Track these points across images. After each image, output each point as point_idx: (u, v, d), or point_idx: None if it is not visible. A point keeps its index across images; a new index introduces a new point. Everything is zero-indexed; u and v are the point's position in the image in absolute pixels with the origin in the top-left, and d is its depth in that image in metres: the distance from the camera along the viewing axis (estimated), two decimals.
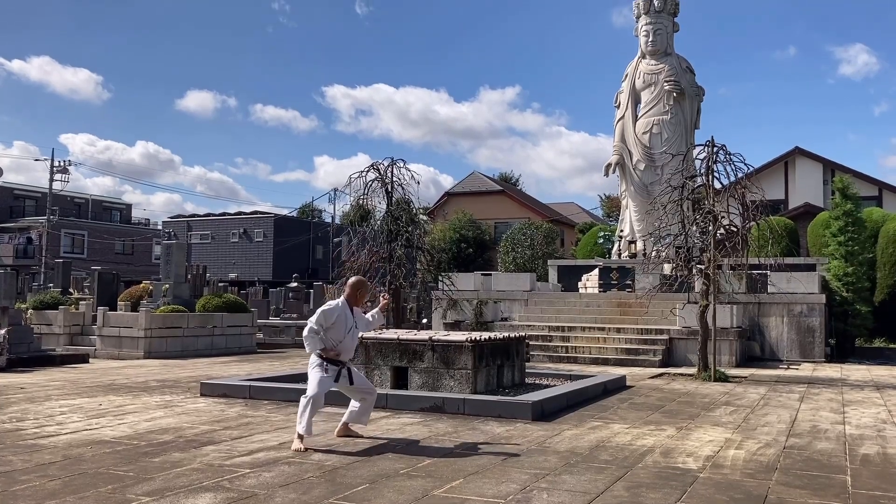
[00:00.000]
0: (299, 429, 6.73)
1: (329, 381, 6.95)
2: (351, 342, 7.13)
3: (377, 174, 15.92)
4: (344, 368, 7.05)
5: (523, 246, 36.67)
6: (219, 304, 20.15)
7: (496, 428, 8.02)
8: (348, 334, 7.05)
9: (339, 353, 7.03)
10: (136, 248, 60.63)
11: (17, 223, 58.67)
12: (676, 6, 25.60)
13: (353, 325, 7.09)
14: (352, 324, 7.08)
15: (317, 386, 6.84)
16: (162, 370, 14.64)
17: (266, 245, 54.12)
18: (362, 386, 7.30)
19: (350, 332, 7.07)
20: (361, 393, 7.27)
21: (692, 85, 24.90)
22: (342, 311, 7.03)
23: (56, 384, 11.97)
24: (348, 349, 7.14)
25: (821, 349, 18.00)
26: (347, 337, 7.05)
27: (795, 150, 35.60)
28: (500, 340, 10.69)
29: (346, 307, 7.09)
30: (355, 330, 7.16)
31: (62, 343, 19.01)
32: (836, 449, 7.21)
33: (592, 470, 6.11)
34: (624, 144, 24.96)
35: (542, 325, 19.12)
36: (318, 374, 6.93)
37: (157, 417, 8.56)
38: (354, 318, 7.14)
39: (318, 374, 6.93)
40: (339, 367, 7.00)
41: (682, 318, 16.92)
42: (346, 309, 7.07)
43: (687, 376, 13.92)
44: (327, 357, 6.97)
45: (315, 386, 6.84)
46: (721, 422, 8.78)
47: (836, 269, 20.63)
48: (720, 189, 14.60)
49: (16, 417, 8.52)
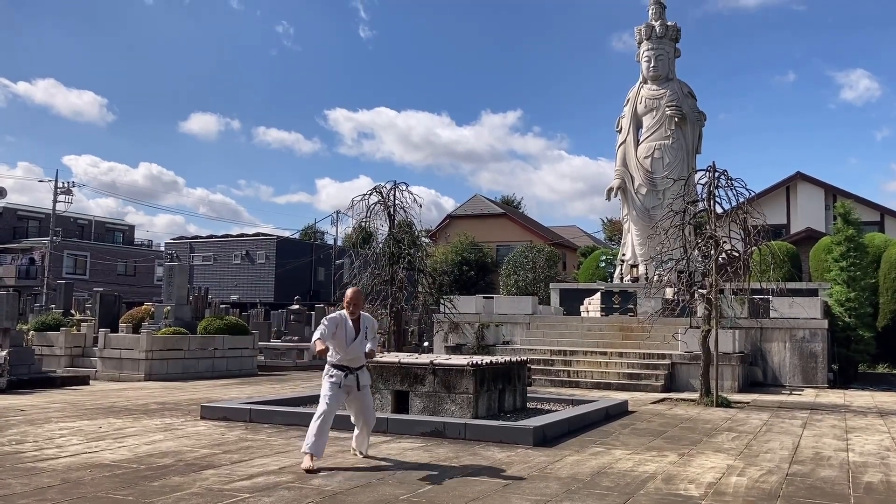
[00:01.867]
0: (306, 448, 6.87)
1: (338, 394, 7.08)
2: (357, 349, 7.22)
3: (379, 197, 15.99)
4: (351, 374, 7.18)
5: (525, 269, 36.67)
6: (220, 326, 20.13)
7: (497, 453, 7.99)
8: (353, 343, 7.16)
9: (346, 360, 7.18)
10: (139, 270, 60.67)
11: (20, 244, 58.76)
12: (678, 32, 25.81)
13: (354, 336, 7.18)
14: (353, 334, 7.17)
15: (325, 403, 7.03)
16: (162, 392, 14.60)
17: (268, 267, 54.13)
18: (366, 406, 7.36)
19: (354, 341, 7.17)
20: (363, 414, 7.36)
21: (694, 110, 25.04)
22: (342, 320, 7.16)
23: (56, 406, 11.94)
24: (355, 358, 7.23)
25: (823, 375, 17.93)
26: (353, 346, 7.17)
27: (797, 175, 35.68)
28: (502, 364, 10.66)
29: (347, 318, 7.20)
30: (363, 340, 7.25)
31: (63, 364, 18.97)
32: (839, 476, 7.17)
33: (594, 497, 6.07)
34: (626, 169, 25.05)
35: (544, 348, 19.07)
36: (325, 384, 7.16)
37: (157, 441, 8.54)
38: (359, 328, 7.24)
39: (326, 383, 7.15)
40: (345, 372, 7.14)
41: (684, 343, 16.87)
42: (346, 320, 7.18)
43: (689, 401, 13.86)
44: (332, 363, 7.17)
45: (324, 404, 7.04)
46: (723, 448, 8.74)
47: (838, 294, 20.58)
48: (722, 214, 14.63)
49: (15, 440, 8.49)
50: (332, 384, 7.11)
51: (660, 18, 25.57)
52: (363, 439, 7.58)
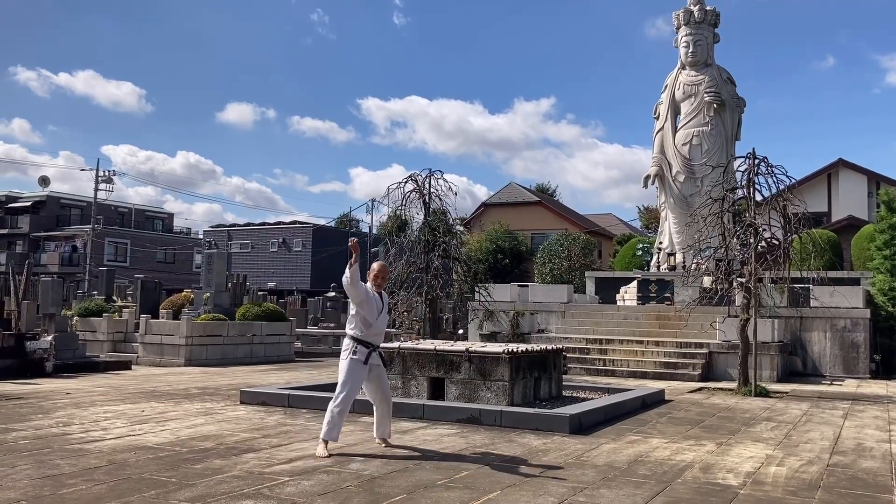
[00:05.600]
0: (324, 434, 6.89)
1: (360, 374, 7.02)
2: (382, 324, 7.27)
3: (415, 185, 16.02)
4: (374, 351, 7.17)
5: (560, 257, 36.50)
6: (258, 312, 20.39)
7: (533, 441, 8.00)
8: (380, 315, 7.20)
9: (371, 336, 7.15)
10: (178, 257, 61.65)
11: (63, 231, 60.05)
12: (717, 17, 25.36)
13: (382, 308, 7.24)
14: (380, 306, 7.22)
15: (345, 388, 6.96)
16: (202, 378, 14.85)
17: (304, 254, 54.63)
18: (383, 387, 7.35)
19: (381, 313, 7.22)
20: (380, 396, 7.31)
21: (733, 96, 24.64)
22: (372, 291, 7.19)
23: (100, 390, 12.22)
24: (379, 332, 7.26)
25: (865, 365, 17.62)
26: (380, 318, 7.19)
27: (839, 162, 35.00)
28: (537, 352, 10.66)
29: (374, 291, 7.23)
30: (385, 314, 7.33)
31: (106, 350, 19.38)
32: (881, 468, 7.06)
33: (631, 485, 6.06)
34: (663, 156, 24.77)
35: (579, 337, 19.01)
36: (346, 363, 7.03)
37: (199, 424, 8.70)
38: (383, 303, 7.29)
39: (347, 363, 7.02)
40: (369, 350, 7.11)
41: (723, 332, 16.70)
42: (373, 292, 7.21)
43: (727, 391, 13.73)
44: (359, 339, 7.08)
45: (343, 387, 6.96)
46: (762, 438, 8.65)
47: (881, 283, 20.18)
48: (761, 201, 14.42)
49: (62, 422, 8.72)
50: (356, 362, 6.98)
51: (699, 3, 25.16)
52: (386, 422, 7.41)
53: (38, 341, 14.87)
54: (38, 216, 61.31)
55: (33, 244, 60.19)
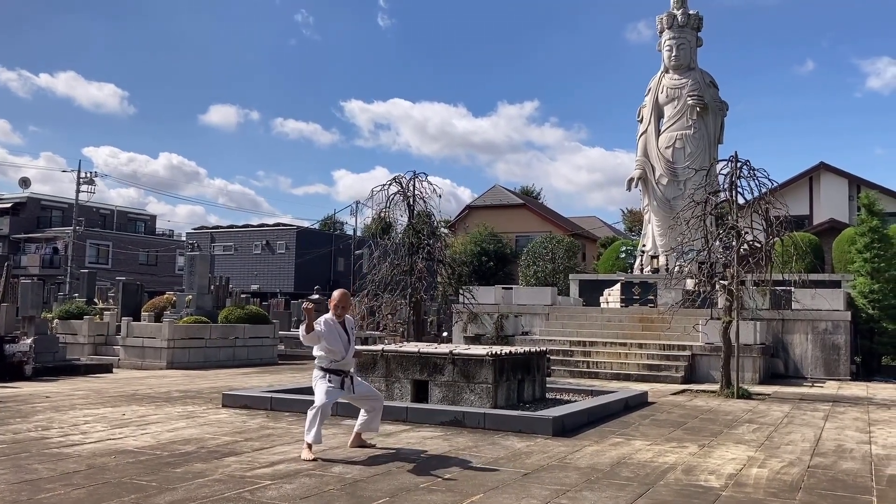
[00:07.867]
0: (308, 438, 6.86)
1: (335, 392, 7.09)
2: (351, 352, 7.30)
3: (399, 187, 16.01)
4: (347, 378, 7.20)
5: (544, 260, 36.55)
6: (241, 315, 20.28)
7: (516, 443, 8.00)
8: (349, 347, 7.24)
9: (342, 365, 7.19)
10: (160, 259, 61.18)
11: (43, 233, 59.45)
12: (700, 21, 25.55)
13: (348, 340, 7.26)
14: (345, 336, 7.24)
15: (324, 396, 6.99)
16: (184, 380, 14.74)
17: (288, 257, 54.41)
18: (367, 393, 7.47)
19: (349, 342, 7.26)
20: (368, 401, 7.43)
21: (715, 100, 24.81)
22: (333, 325, 7.18)
23: (80, 393, 12.10)
24: (349, 360, 7.30)
25: (846, 367, 17.77)
26: (349, 350, 7.24)
27: (820, 166, 35.27)
28: (521, 355, 10.66)
29: (336, 322, 7.21)
30: (353, 341, 7.36)
31: (87, 353, 19.21)
32: (861, 469, 7.11)
33: (613, 487, 6.07)
34: (647, 159, 24.89)
35: (563, 339, 19.04)
36: (323, 385, 7.10)
37: (180, 428, 8.63)
38: (347, 331, 7.29)
39: (324, 385, 7.09)
40: (341, 377, 7.15)
41: (705, 335, 16.78)
42: (335, 324, 7.20)
43: (709, 393, 13.79)
44: (329, 369, 7.14)
45: (322, 396, 7.00)
46: (744, 440, 8.69)
47: (861, 285, 20.36)
48: (743, 204, 14.51)
49: (41, 426, 8.62)
50: (331, 386, 7.05)
51: (682, 7, 25.32)
52: (376, 418, 7.43)
53: (17, 344, 14.70)
54: (19, 218, 60.66)
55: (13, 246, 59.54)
